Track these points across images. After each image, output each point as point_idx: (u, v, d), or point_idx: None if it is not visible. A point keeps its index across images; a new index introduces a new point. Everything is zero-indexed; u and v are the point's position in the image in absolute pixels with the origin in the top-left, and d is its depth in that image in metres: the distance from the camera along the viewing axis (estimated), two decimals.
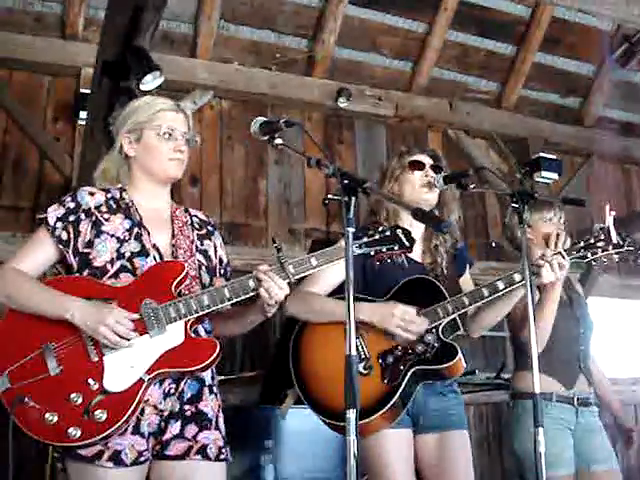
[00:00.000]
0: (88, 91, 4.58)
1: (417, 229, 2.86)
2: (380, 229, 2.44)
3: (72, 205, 2.37)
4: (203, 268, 2.47)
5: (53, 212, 2.36)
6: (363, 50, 6.27)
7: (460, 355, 2.75)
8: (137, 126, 2.45)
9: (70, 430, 2.10)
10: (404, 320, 2.71)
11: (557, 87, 6.98)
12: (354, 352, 1.86)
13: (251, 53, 5.95)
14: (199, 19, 5.63)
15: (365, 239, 2.41)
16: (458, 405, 2.92)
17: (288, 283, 2.33)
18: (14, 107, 5.27)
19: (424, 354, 2.76)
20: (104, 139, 3.58)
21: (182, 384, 2.30)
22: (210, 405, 2.36)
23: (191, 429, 2.29)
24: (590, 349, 3.45)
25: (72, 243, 2.34)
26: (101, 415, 2.12)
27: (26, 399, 2.13)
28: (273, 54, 5.98)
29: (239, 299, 2.33)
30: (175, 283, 2.30)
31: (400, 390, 2.70)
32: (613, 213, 2.95)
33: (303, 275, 2.40)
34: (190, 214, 2.58)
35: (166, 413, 2.26)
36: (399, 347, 2.77)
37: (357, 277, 2.96)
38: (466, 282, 3.10)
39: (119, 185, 2.49)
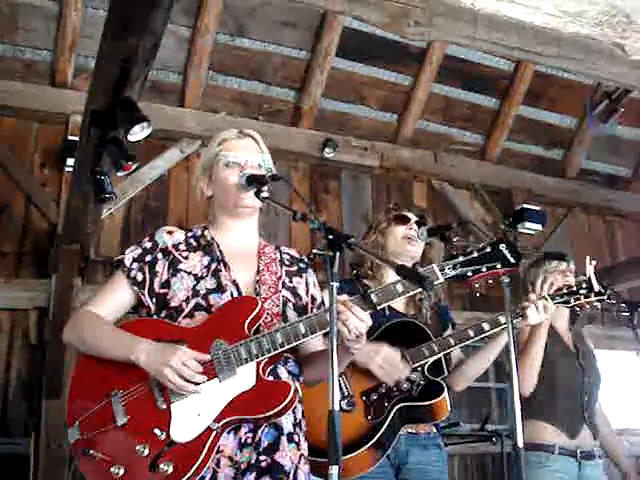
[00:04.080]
0: (76, 139, 4.60)
1: None
2: (480, 245, 2.22)
3: (149, 245, 2.31)
4: (289, 305, 2.29)
5: (130, 253, 2.30)
6: (349, 102, 6.35)
7: (446, 394, 2.76)
8: (207, 164, 2.44)
9: None
10: (387, 363, 2.71)
11: (540, 139, 7.09)
12: (337, 407, 1.79)
13: (239, 103, 6.00)
14: (188, 69, 5.69)
15: (461, 258, 2.22)
16: (439, 461, 2.90)
17: (371, 314, 2.11)
18: (1, 152, 5.27)
19: (409, 391, 2.77)
20: (90, 187, 3.59)
21: (259, 432, 2.09)
22: (288, 456, 2.12)
23: None
24: (596, 402, 3.44)
25: (148, 284, 2.24)
26: (166, 468, 1.99)
27: (91, 451, 2.03)
28: (260, 105, 6.04)
29: (316, 335, 2.14)
30: (249, 320, 2.12)
31: (384, 427, 2.69)
32: (594, 263, 3.02)
33: (387, 304, 2.20)
34: (281, 251, 2.47)
35: (243, 466, 2.07)
36: (383, 385, 2.76)
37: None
38: None
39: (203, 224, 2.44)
